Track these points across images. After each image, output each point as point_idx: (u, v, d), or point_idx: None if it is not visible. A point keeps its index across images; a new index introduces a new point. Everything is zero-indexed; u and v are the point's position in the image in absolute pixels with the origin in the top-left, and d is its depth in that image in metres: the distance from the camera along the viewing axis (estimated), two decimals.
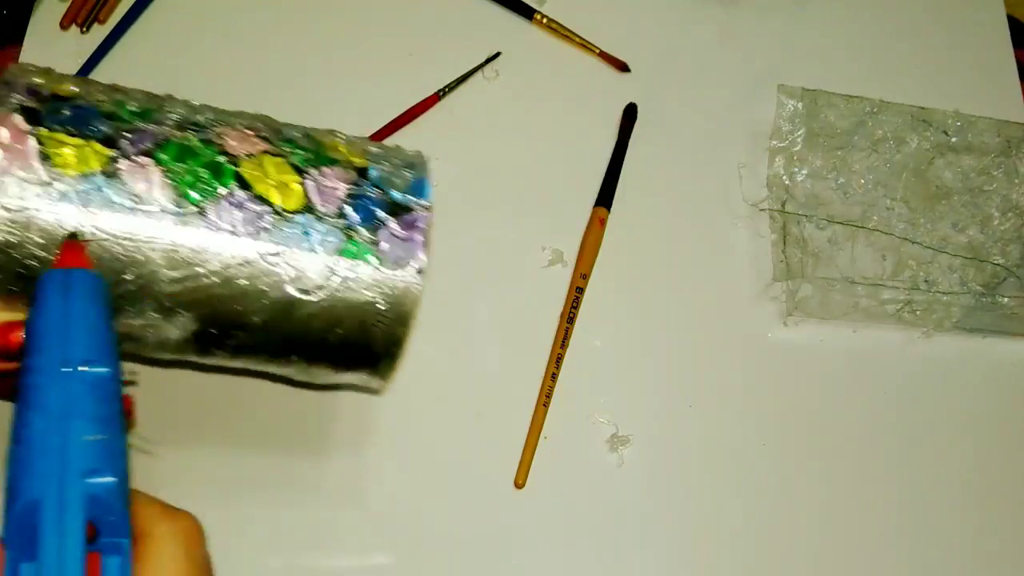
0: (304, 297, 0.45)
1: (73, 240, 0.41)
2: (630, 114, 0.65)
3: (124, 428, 0.35)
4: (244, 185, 0.44)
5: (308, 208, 0.45)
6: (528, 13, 0.67)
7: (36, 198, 0.41)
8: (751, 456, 0.57)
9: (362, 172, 0.47)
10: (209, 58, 0.64)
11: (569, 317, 0.58)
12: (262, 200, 0.44)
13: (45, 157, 0.42)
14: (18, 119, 0.42)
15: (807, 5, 0.71)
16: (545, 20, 0.67)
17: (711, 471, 0.56)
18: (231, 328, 0.45)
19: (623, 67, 0.67)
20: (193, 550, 0.34)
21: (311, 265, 0.45)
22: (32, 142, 0.42)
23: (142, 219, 0.43)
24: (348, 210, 0.46)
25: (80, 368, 0.34)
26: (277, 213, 0.44)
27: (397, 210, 0.47)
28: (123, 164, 0.43)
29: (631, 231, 0.62)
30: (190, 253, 0.43)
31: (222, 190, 0.44)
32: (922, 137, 0.64)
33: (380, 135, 0.62)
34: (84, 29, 0.63)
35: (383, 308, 0.46)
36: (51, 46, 0.63)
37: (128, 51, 0.63)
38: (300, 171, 0.46)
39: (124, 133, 0.44)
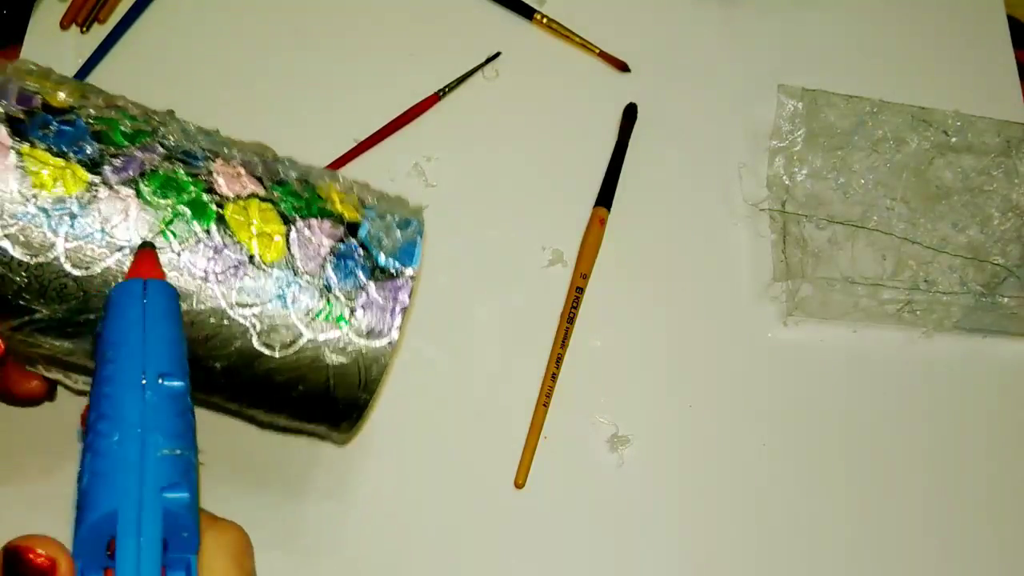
0: (269, 353, 0.43)
1: (147, 249, 0.41)
2: (630, 114, 0.65)
3: (196, 443, 0.34)
4: (225, 230, 0.42)
5: (287, 263, 0.43)
6: (528, 13, 0.68)
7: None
8: (751, 456, 0.57)
9: (352, 228, 0.45)
10: (209, 58, 0.64)
11: (569, 317, 0.58)
12: (241, 248, 0.43)
13: (23, 174, 0.40)
14: (2, 131, 0.40)
15: (807, 5, 0.71)
16: (545, 20, 0.67)
17: (711, 471, 0.56)
18: (191, 367, 0.43)
19: (623, 67, 0.67)
20: (242, 560, 0.33)
21: (282, 322, 0.43)
22: (12, 157, 0.40)
23: (111, 253, 0.41)
24: (329, 270, 0.44)
25: (158, 381, 0.33)
26: (255, 264, 0.43)
27: (380, 275, 0.45)
28: (102, 192, 0.41)
29: (631, 231, 0.62)
30: None
31: (201, 232, 0.42)
32: (922, 137, 0.64)
33: (380, 135, 0.62)
34: (84, 29, 0.63)
35: (349, 373, 0.44)
36: (51, 46, 0.63)
37: (128, 51, 0.63)
38: (287, 220, 0.44)
39: (111, 158, 0.42)
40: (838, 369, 0.60)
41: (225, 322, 0.42)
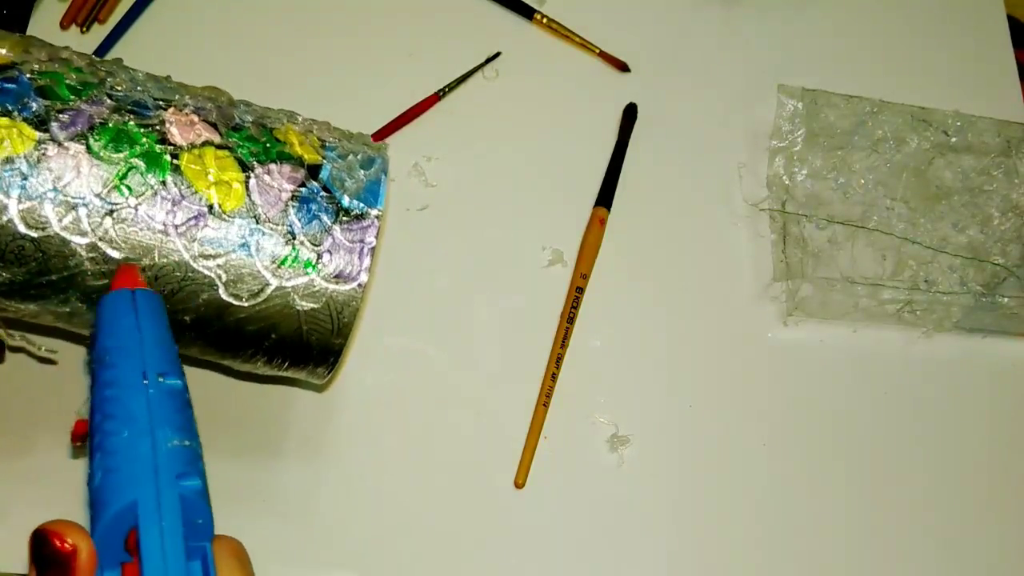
0: (237, 303, 0.43)
1: (128, 264, 0.41)
2: (630, 114, 0.65)
3: (199, 437, 0.35)
4: (182, 180, 0.42)
5: (249, 210, 0.42)
6: (528, 13, 0.67)
7: None
8: (751, 456, 0.57)
9: (313, 170, 0.44)
10: (209, 58, 0.64)
11: (569, 317, 0.58)
12: (200, 198, 0.42)
13: None
14: None
15: (807, 5, 0.71)
16: (545, 20, 0.67)
17: (711, 471, 0.56)
18: None
19: (623, 67, 0.67)
20: (244, 562, 0.34)
21: (247, 271, 0.42)
22: None
23: (67, 211, 0.40)
24: (292, 214, 0.43)
25: (158, 380, 0.35)
26: (215, 214, 0.42)
27: (345, 217, 0.44)
28: (51, 149, 0.40)
29: (631, 231, 0.62)
30: (117, 251, 0.41)
31: (157, 184, 0.41)
32: (922, 137, 0.64)
33: (380, 135, 0.62)
34: (84, 29, 0.63)
35: (321, 319, 0.44)
36: None
37: (128, 51, 0.63)
38: (245, 167, 0.43)
39: (57, 114, 0.41)
40: (838, 369, 0.60)
41: (190, 275, 0.42)
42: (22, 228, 0.40)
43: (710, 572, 0.54)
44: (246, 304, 0.43)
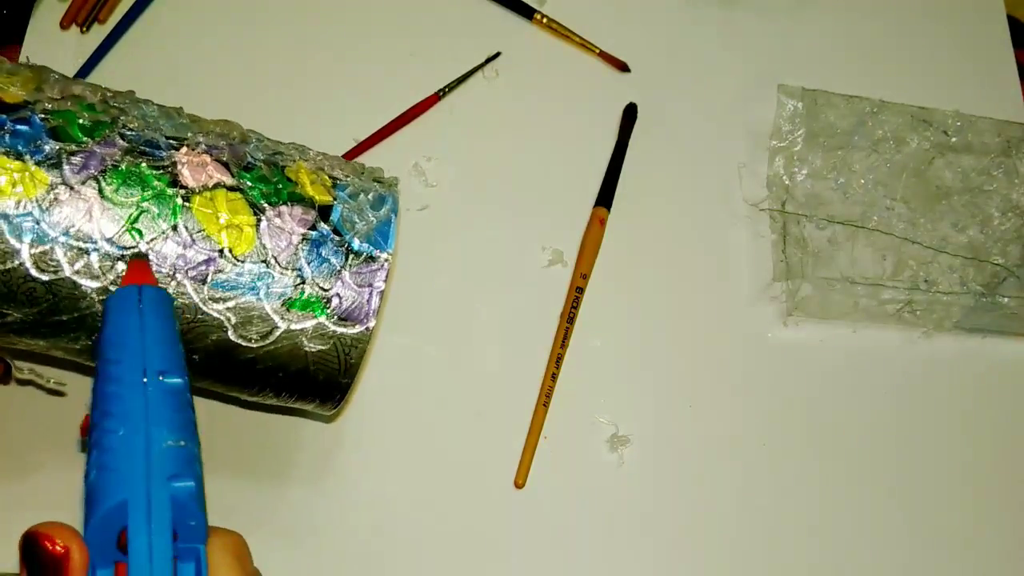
0: (246, 344, 0.43)
1: (139, 259, 0.41)
2: (630, 114, 0.65)
3: (198, 437, 0.35)
4: (193, 224, 0.42)
5: (259, 254, 0.42)
6: (528, 13, 0.67)
7: None
8: (751, 456, 0.57)
9: (323, 212, 0.44)
10: (209, 58, 0.64)
11: (569, 317, 0.58)
12: (211, 242, 0.42)
13: None
14: None
15: (807, 5, 0.71)
16: (545, 20, 0.67)
17: (711, 471, 0.56)
18: None
19: (623, 67, 0.67)
20: (244, 560, 0.34)
21: (256, 314, 0.42)
22: None
23: (78, 256, 0.40)
24: (302, 258, 0.43)
25: (158, 378, 0.35)
26: (225, 258, 0.42)
27: (355, 259, 0.44)
28: (63, 193, 0.40)
29: (631, 231, 0.62)
30: None
31: (168, 228, 0.41)
32: (922, 137, 0.64)
33: (380, 135, 0.62)
34: (84, 29, 0.63)
35: (328, 360, 0.44)
36: (51, 46, 0.63)
37: (128, 51, 0.63)
38: (256, 209, 0.43)
39: (69, 156, 0.41)
40: (838, 369, 0.60)
41: (200, 316, 0.42)
42: (34, 272, 0.40)
43: (710, 572, 0.54)
44: (255, 346, 0.43)
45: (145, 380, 0.34)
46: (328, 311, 0.44)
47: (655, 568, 0.54)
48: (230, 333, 0.43)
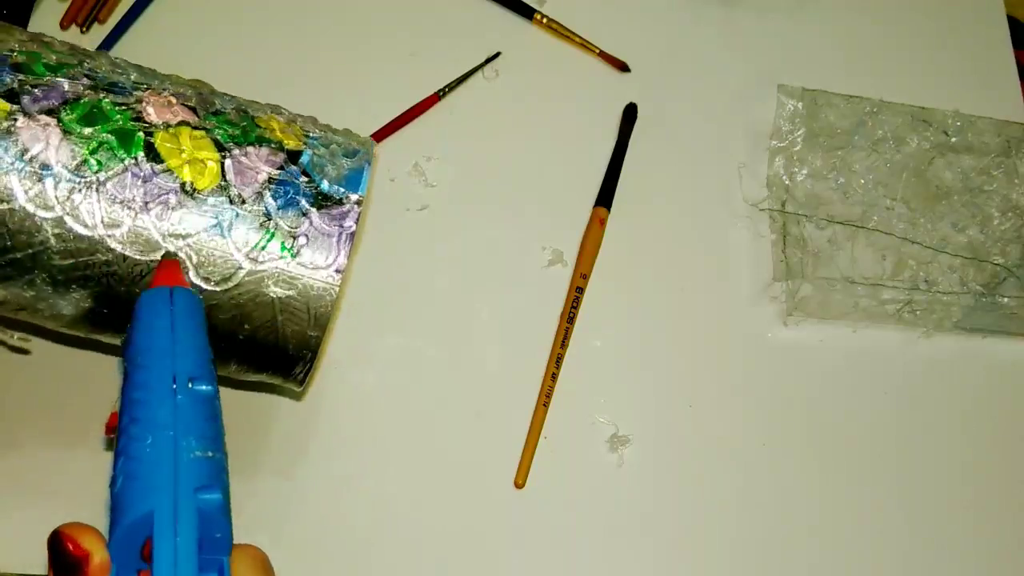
0: (209, 287, 0.41)
1: (170, 259, 0.40)
2: (630, 114, 0.65)
3: (225, 447, 0.35)
4: (154, 157, 0.41)
5: (222, 189, 0.41)
6: (528, 13, 0.67)
7: None
8: (751, 456, 0.57)
9: (293, 156, 0.43)
10: (209, 58, 0.63)
11: (569, 317, 0.58)
12: (172, 176, 0.40)
13: None
14: None
15: (807, 5, 0.71)
16: (545, 20, 0.67)
17: (711, 471, 0.56)
18: (127, 310, 0.40)
19: (623, 67, 0.67)
20: (268, 573, 0.34)
21: (219, 253, 0.41)
22: None
23: (34, 183, 0.39)
24: (268, 196, 0.42)
25: (188, 385, 0.34)
26: (186, 192, 0.41)
27: (325, 202, 0.43)
28: (21, 121, 0.39)
29: (631, 231, 0.62)
30: (84, 228, 0.40)
31: (128, 160, 0.40)
32: (922, 137, 0.64)
33: (380, 135, 0.62)
34: (84, 29, 0.63)
35: (296, 308, 0.42)
36: None
37: (128, 51, 0.63)
38: (221, 148, 0.42)
39: (30, 87, 0.40)
40: (838, 369, 0.60)
41: (157, 255, 0.41)
42: None
43: (710, 572, 0.54)
44: (217, 289, 0.41)
45: (175, 387, 0.34)
46: (294, 251, 0.42)
47: (655, 568, 0.54)
48: (191, 273, 0.41)
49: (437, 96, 0.64)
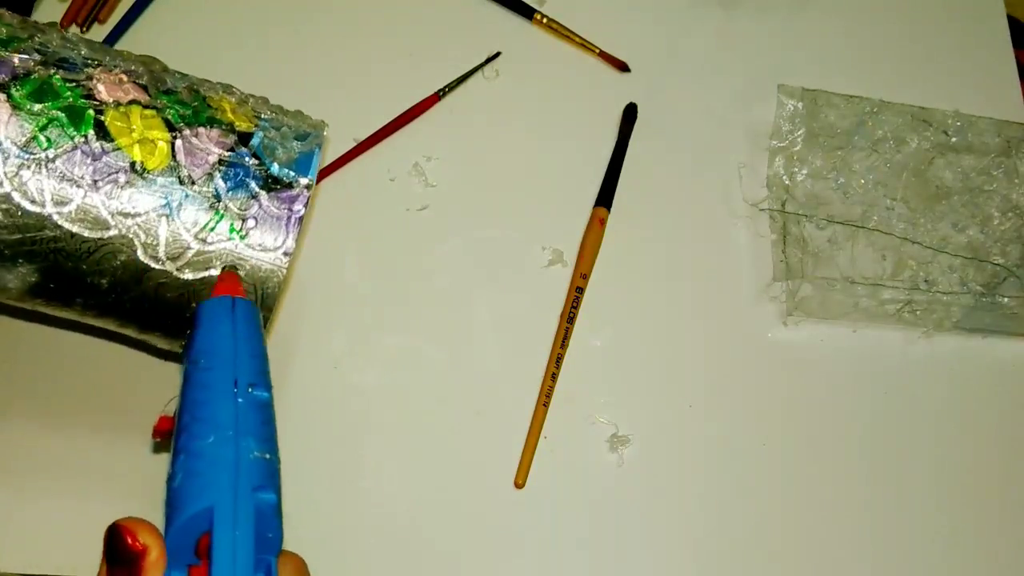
0: (156, 266, 0.41)
1: (231, 270, 0.41)
2: (630, 114, 0.65)
3: (279, 452, 0.36)
4: (104, 136, 0.41)
5: (172, 169, 0.41)
6: (528, 13, 0.68)
7: None
8: (751, 456, 0.57)
9: (244, 138, 0.43)
10: (209, 58, 0.63)
11: (569, 317, 0.58)
12: (122, 155, 0.41)
13: None
14: None
15: (807, 5, 0.71)
16: (545, 20, 0.67)
17: (711, 471, 0.56)
18: (74, 286, 0.41)
19: (623, 67, 0.67)
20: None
21: (167, 232, 0.41)
22: None
23: None
24: (218, 178, 0.42)
25: (248, 390, 0.35)
26: (136, 171, 0.41)
27: (274, 185, 0.43)
28: None
29: (631, 231, 0.62)
30: (32, 204, 0.40)
31: (78, 138, 0.40)
32: (922, 137, 0.64)
33: (380, 135, 0.62)
34: (84, 29, 0.63)
35: (244, 289, 0.42)
36: None
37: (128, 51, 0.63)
38: (172, 128, 0.42)
39: None
40: (838, 369, 0.60)
41: (105, 233, 0.41)
42: None
43: (710, 572, 0.54)
44: (166, 268, 0.42)
45: (236, 390, 0.35)
46: (243, 233, 0.42)
47: (655, 568, 0.54)
48: (139, 252, 0.41)
49: (437, 96, 0.64)
